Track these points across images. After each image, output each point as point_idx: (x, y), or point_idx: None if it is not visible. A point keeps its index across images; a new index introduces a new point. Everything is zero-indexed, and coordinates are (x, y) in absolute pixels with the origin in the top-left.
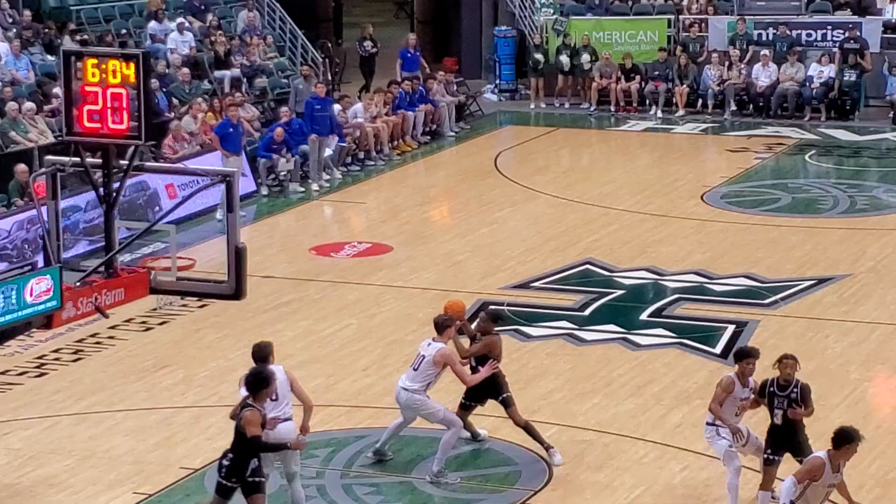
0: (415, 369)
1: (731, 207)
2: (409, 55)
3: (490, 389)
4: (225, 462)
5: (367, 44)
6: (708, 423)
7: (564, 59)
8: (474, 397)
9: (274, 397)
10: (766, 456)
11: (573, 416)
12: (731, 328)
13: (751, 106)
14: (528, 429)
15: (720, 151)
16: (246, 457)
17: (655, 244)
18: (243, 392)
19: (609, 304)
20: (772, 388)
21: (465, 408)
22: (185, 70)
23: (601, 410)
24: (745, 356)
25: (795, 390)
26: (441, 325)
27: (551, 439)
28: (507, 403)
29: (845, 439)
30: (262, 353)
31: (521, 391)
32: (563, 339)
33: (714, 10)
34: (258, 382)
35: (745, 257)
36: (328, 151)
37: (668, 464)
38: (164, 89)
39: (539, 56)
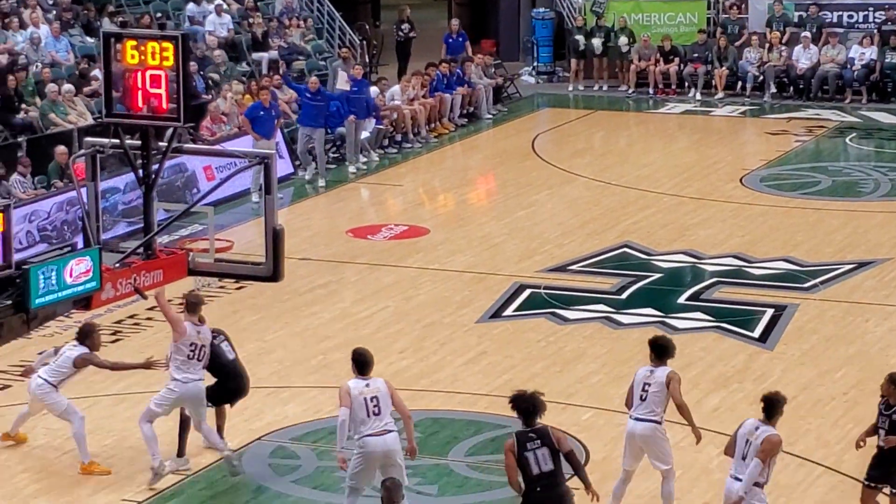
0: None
1: (771, 191)
2: (451, 40)
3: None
4: None
5: (405, 27)
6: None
7: (597, 42)
8: None
9: (376, 411)
10: (864, 480)
11: (610, 399)
12: (770, 312)
13: (791, 88)
14: None
15: (759, 134)
16: None
17: (693, 227)
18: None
19: (646, 288)
20: (881, 406)
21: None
22: (219, 52)
23: None
24: None
25: None
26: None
27: (587, 423)
28: None
29: (779, 404)
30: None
31: (557, 374)
32: (600, 323)
33: None
34: None
35: (785, 241)
36: (365, 134)
37: (705, 447)
38: (202, 72)
39: (577, 38)
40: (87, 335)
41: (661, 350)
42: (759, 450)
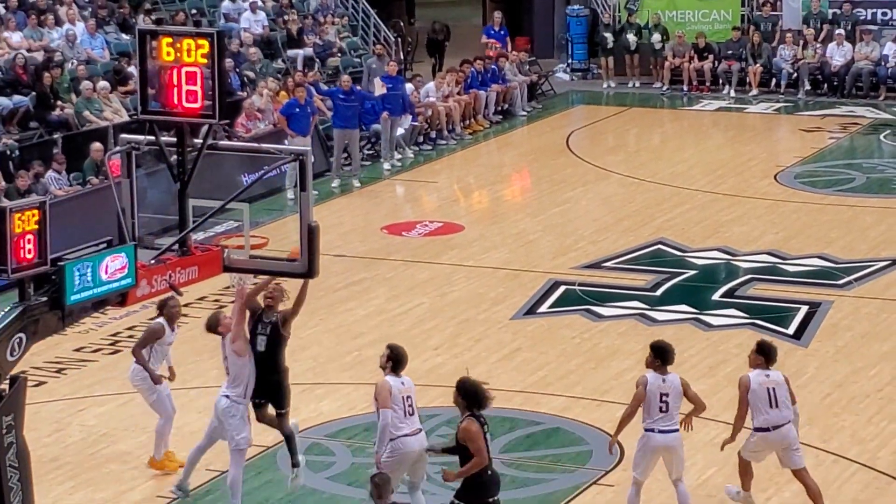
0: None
1: (805, 187)
2: (493, 32)
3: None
4: None
5: (440, 35)
6: None
7: (632, 37)
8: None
9: (411, 411)
10: None
11: None
12: (805, 309)
13: (825, 85)
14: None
15: (794, 131)
16: None
17: (728, 224)
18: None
19: (681, 285)
20: None
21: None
22: (254, 50)
23: None
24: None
25: None
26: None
27: None
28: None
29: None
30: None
31: (592, 371)
32: (634, 320)
33: None
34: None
35: (819, 238)
36: (400, 130)
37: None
38: (237, 69)
39: (605, 35)
40: (163, 305)
41: (667, 355)
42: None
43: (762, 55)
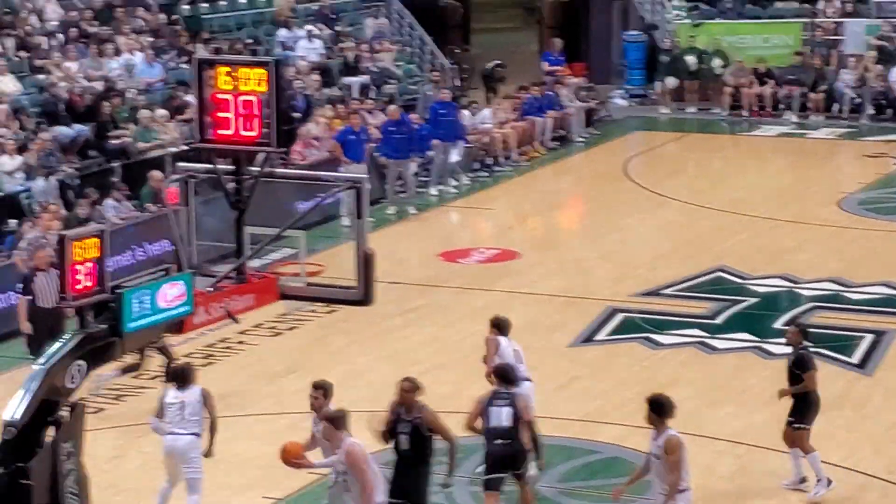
0: None
1: (869, 214)
2: (552, 59)
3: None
4: None
5: (498, 71)
6: None
7: (691, 59)
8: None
9: None
10: None
11: (705, 425)
12: (870, 338)
13: (889, 110)
14: None
15: (857, 157)
16: None
17: (790, 251)
18: None
19: (742, 312)
20: None
21: None
22: (315, 77)
23: (734, 420)
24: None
25: None
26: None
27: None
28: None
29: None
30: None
31: None
32: (694, 347)
33: (851, 12)
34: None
35: (884, 265)
36: (455, 157)
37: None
38: (303, 92)
39: (665, 58)
40: (185, 374)
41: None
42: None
43: (824, 80)
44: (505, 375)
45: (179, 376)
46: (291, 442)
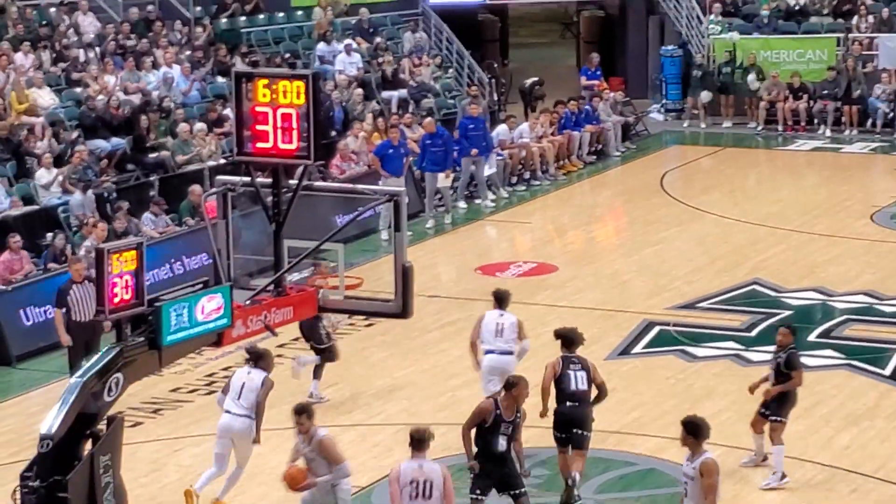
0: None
1: None
2: (589, 73)
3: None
4: None
5: (537, 89)
6: None
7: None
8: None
9: None
10: None
11: (740, 437)
12: None
13: None
14: None
15: (890, 171)
16: None
17: (824, 264)
18: None
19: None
20: None
21: None
22: (359, 90)
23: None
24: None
25: None
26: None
27: (718, 460)
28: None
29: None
30: None
31: (687, 412)
32: (729, 360)
33: (887, 27)
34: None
35: None
36: (489, 170)
37: (836, 486)
38: (343, 104)
39: (697, 73)
40: (260, 357)
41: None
42: None
43: (858, 94)
44: (565, 338)
45: (253, 358)
46: (294, 469)
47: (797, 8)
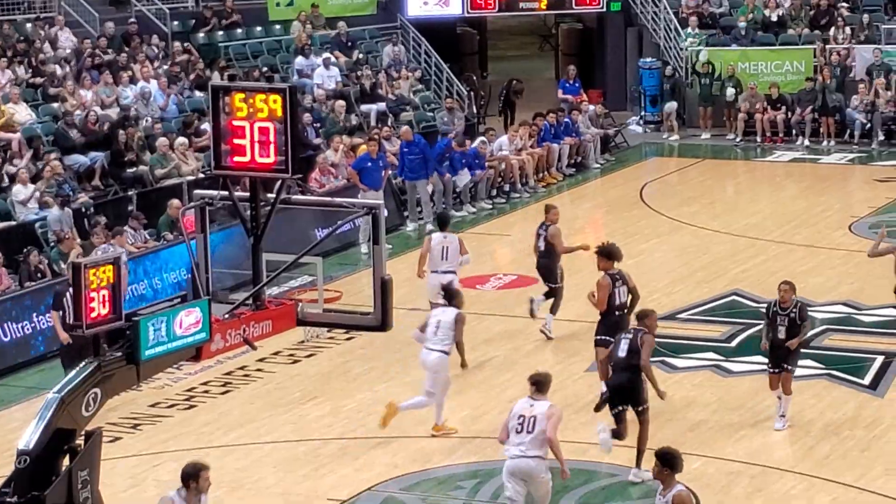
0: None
1: None
2: (567, 85)
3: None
4: None
5: (515, 84)
6: None
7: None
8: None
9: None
10: None
11: (720, 447)
12: (881, 359)
13: None
14: None
15: (868, 181)
16: None
17: (803, 275)
18: None
19: (756, 336)
20: None
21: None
22: (340, 103)
23: (748, 442)
24: None
25: None
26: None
27: (698, 471)
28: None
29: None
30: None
31: (667, 422)
32: (709, 371)
33: (862, 39)
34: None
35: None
36: (464, 180)
37: (816, 495)
38: (318, 123)
39: (667, 85)
40: (453, 296)
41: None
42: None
43: (835, 106)
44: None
45: (447, 297)
46: None
47: (774, 20)
